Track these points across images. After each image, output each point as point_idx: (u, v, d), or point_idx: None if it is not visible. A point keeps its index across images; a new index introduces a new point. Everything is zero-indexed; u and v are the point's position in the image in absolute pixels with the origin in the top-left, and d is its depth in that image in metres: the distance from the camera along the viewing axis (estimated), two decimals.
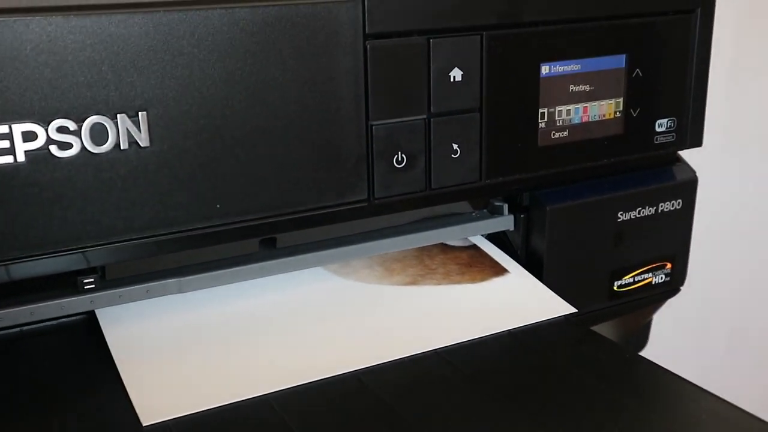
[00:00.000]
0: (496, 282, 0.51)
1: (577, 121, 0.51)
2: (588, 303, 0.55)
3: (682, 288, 0.60)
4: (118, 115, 0.38)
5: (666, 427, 0.37)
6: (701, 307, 0.96)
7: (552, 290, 0.50)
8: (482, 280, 0.51)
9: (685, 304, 0.63)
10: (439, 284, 0.50)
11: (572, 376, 0.41)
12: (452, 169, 0.48)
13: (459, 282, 0.51)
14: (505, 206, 0.54)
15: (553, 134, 0.50)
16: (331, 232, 0.49)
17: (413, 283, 0.50)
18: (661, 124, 0.54)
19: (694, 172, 0.57)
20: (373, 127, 0.44)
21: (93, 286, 0.42)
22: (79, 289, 0.42)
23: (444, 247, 0.54)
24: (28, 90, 0.36)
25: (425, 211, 0.52)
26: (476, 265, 0.52)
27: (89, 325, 0.45)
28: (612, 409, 0.38)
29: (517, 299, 0.49)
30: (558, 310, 0.48)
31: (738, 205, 0.94)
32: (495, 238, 0.56)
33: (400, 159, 0.46)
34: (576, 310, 0.48)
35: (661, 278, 0.58)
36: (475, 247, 0.54)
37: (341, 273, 0.51)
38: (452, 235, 0.53)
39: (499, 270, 0.52)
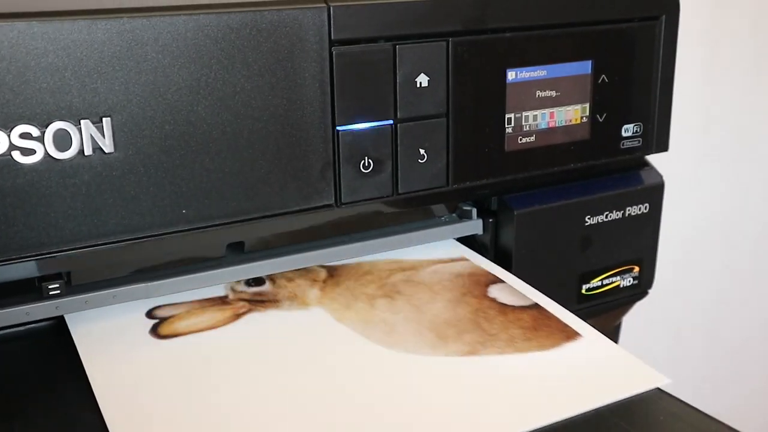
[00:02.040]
0: (570, 348, 0.43)
1: (543, 127, 0.51)
2: None
3: (649, 291, 0.60)
4: (82, 121, 0.38)
5: None
6: (675, 309, 0.97)
7: None
8: (553, 346, 0.43)
9: (659, 305, 0.63)
10: (504, 353, 0.42)
11: None
12: (419, 174, 0.48)
13: (527, 350, 0.43)
14: (474, 210, 0.55)
15: (520, 139, 0.51)
16: (300, 237, 0.49)
17: (473, 352, 0.42)
18: (627, 129, 0.55)
19: (661, 176, 0.58)
20: (340, 132, 0.45)
21: (58, 291, 0.42)
22: (44, 295, 0.42)
23: (502, 308, 0.47)
24: None
25: (393, 216, 0.53)
26: (543, 329, 0.45)
27: (58, 329, 0.45)
28: None
29: (600, 369, 0.41)
30: (649, 381, 0.40)
31: (714, 206, 0.95)
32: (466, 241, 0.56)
33: (366, 164, 0.46)
34: (669, 380, 0.40)
35: (629, 281, 0.59)
36: (537, 306, 0.47)
37: (386, 343, 0.43)
38: (421, 239, 0.53)
39: (570, 333, 0.44)
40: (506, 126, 0.50)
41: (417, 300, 0.47)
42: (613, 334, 0.65)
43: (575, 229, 0.55)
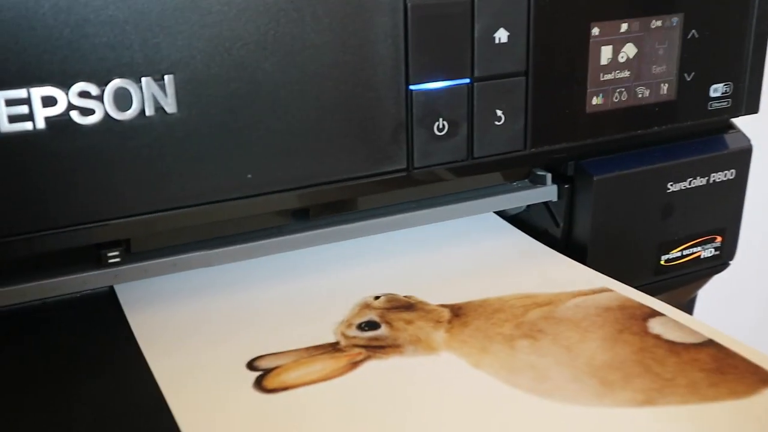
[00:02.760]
0: None
1: (627, 86, 0.48)
2: (634, 278, 0.52)
3: (731, 262, 0.57)
4: (143, 79, 0.36)
5: None
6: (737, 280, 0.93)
7: (595, 266, 0.48)
8: (748, 393, 0.35)
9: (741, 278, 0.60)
10: (688, 403, 0.34)
11: None
12: (496, 136, 0.45)
13: (715, 398, 0.35)
14: (548, 176, 0.51)
15: (602, 100, 0.47)
16: (366, 203, 0.47)
17: (649, 402, 0.34)
18: (716, 90, 0.51)
19: (748, 140, 0.54)
20: (413, 92, 0.42)
21: (118, 259, 0.40)
22: (102, 263, 0.40)
23: (671, 347, 0.39)
24: (46, 52, 0.34)
25: (461, 183, 0.50)
26: (729, 371, 0.37)
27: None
28: None
29: None
30: None
31: None
32: (517, 221, 0.53)
33: (441, 126, 0.43)
34: None
35: (710, 252, 0.55)
36: (713, 343, 0.39)
37: (539, 392, 0.35)
38: (496, 205, 0.50)
39: (764, 375, 0.36)
40: (588, 86, 0.46)
41: (565, 340, 0.39)
42: (688, 307, 0.62)
43: (656, 196, 0.51)
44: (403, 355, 0.38)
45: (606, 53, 0.46)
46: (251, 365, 0.37)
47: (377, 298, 0.43)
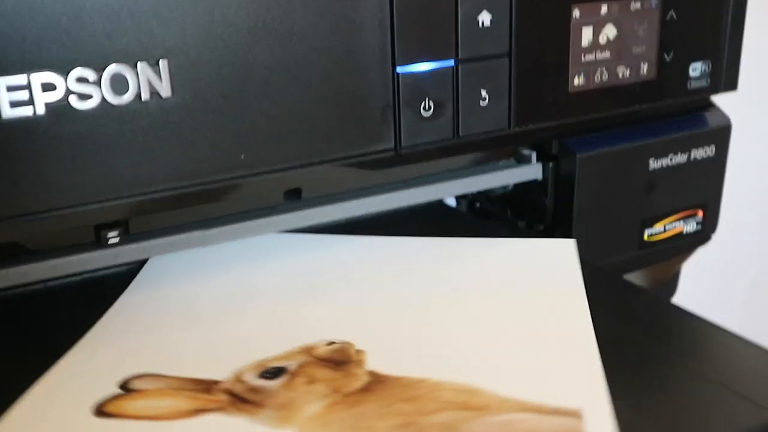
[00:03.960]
0: None
1: (608, 66, 0.49)
2: (618, 252, 0.54)
3: (712, 236, 0.58)
4: (139, 64, 0.37)
5: (707, 376, 0.36)
6: (723, 253, 0.95)
7: (582, 240, 0.49)
8: None
9: (707, 250, 0.61)
10: None
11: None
12: (480, 116, 0.46)
13: None
14: (533, 154, 0.53)
15: (584, 80, 0.49)
16: (356, 183, 0.48)
17: None
18: (695, 69, 0.52)
19: (727, 118, 0.55)
20: (399, 74, 0.43)
21: (117, 240, 0.42)
22: (102, 244, 0.42)
23: None
24: (45, 39, 0.35)
25: (447, 162, 0.51)
26: None
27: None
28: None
29: None
30: None
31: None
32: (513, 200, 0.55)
33: (427, 107, 0.44)
34: None
35: (693, 227, 0.57)
36: None
37: None
38: (482, 184, 0.52)
39: None
40: (570, 66, 0.48)
41: None
42: (671, 283, 0.64)
43: (639, 172, 0.53)
44: (251, 418, 0.34)
45: (587, 35, 0.48)
46: (125, 382, 0.36)
47: (331, 344, 0.39)
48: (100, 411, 0.35)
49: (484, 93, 0.46)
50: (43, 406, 0.35)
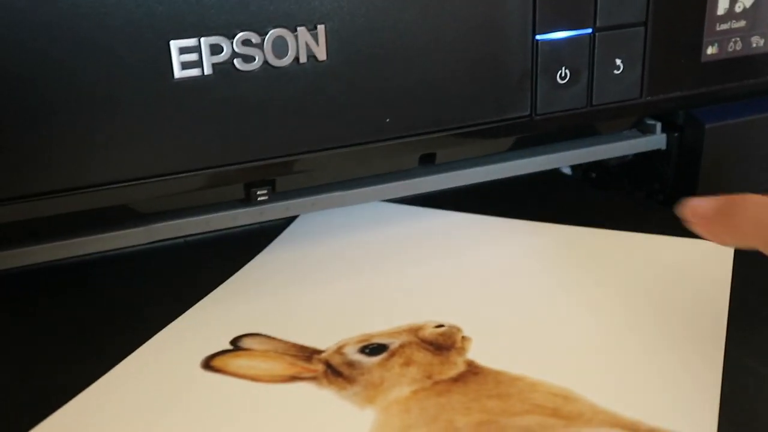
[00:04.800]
0: None
1: (743, 36, 0.49)
2: None
3: None
4: (298, 29, 0.39)
5: None
6: None
7: None
8: None
9: None
10: None
11: None
12: (614, 85, 0.47)
13: None
14: (658, 125, 0.53)
15: (718, 50, 0.49)
16: (490, 149, 0.49)
17: None
18: None
19: None
20: (539, 42, 0.44)
21: (266, 197, 0.43)
22: (252, 201, 0.44)
23: None
24: (215, 5, 0.37)
25: (582, 129, 0.52)
26: None
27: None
28: None
29: None
30: None
31: None
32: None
33: (563, 75, 0.45)
34: None
35: None
36: None
37: None
38: (606, 153, 0.52)
39: None
40: (704, 36, 0.48)
41: None
42: None
43: (766, 145, 0.52)
44: (338, 393, 0.34)
45: (723, 3, 0.48)
46: (236, 339, 0.39)
47: (439, 326, 0.39)
48: (207, 364, 0.37)
49: (618, 62, 0.46)
50: (161, 352, 0.38)
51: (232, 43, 0.38)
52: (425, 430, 0.31)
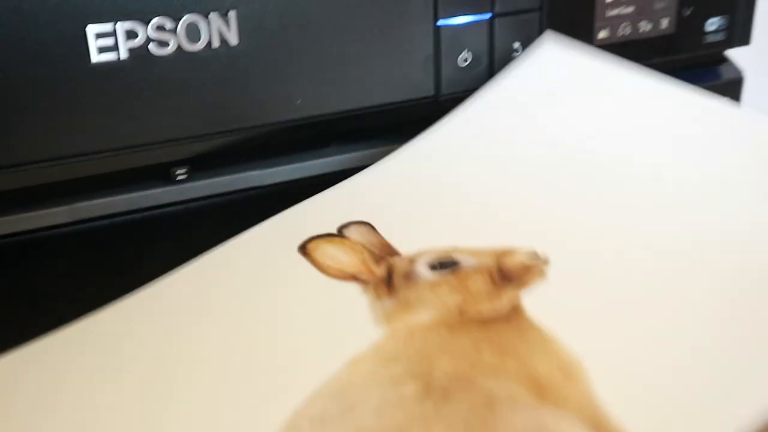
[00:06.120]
0: None
1: (632, 21, 0.53)
2: None
3: None
4: (211, 14, 0.41)
5: None
6: None
7: None
8: None
9: None
10: None
11: None
12: None
13: None
14: None
15: (609, 33, 0.52)
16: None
17: None
18: (712, 23, 0.56)
19: (740, 71, 0.59)
20: (441, 27, 0.47)
21: (185, 176, 0.46)
22: (172, 180, 0.46)
23: None
24: None
25: None
26: None
27: None
28: None
29: None
30: None
31: None
32: None
33: (465, 58, 0.48)
34: None
35: None
36: None
37: None
38: None
39: None
40: (596, 20, 0.52)
41: None
42: None
43: None
44: (370, 303, 0.34)
45: None
46: (343, 227, 0.38)
47: (532, 257, 0.35)
48: (304, 246, 0.37)
49: (516, 45, 0.49)
50: (280, 229, 0.39)
51: (147, 28, 0.40)
52: (403, 368, 0.30)
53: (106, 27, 0.39)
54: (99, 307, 0.36)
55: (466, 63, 0.48)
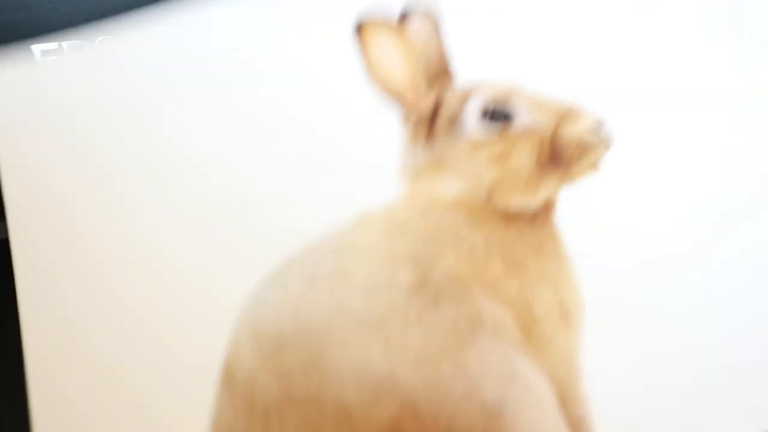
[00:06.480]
0: None
1: None
2: None
3: None
4: None
5: None
6: None
7: None
8: None
9: None
10: None
11: None
12: None
13: None
14: None
15: None
16: None
17: None
18: None
19: None
20: None
21: None
22: None
23: None
24: None
25: None
26: None
27: None
28: None
29: None
30: None
31: None
32: None
33: None
34: None
35: None
36: None
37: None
38: None
39: None
40: None
41: None
42: None
43: None
44: (408, 143, 0.31)
45: None
46: (406, 13, 0.32)
47: (598, 127, 0.30)
48: (359, 25, 0.32)
49: None
50: None
51: None
52: (407, 246, 0.28)
53: None
54: None
55: None
